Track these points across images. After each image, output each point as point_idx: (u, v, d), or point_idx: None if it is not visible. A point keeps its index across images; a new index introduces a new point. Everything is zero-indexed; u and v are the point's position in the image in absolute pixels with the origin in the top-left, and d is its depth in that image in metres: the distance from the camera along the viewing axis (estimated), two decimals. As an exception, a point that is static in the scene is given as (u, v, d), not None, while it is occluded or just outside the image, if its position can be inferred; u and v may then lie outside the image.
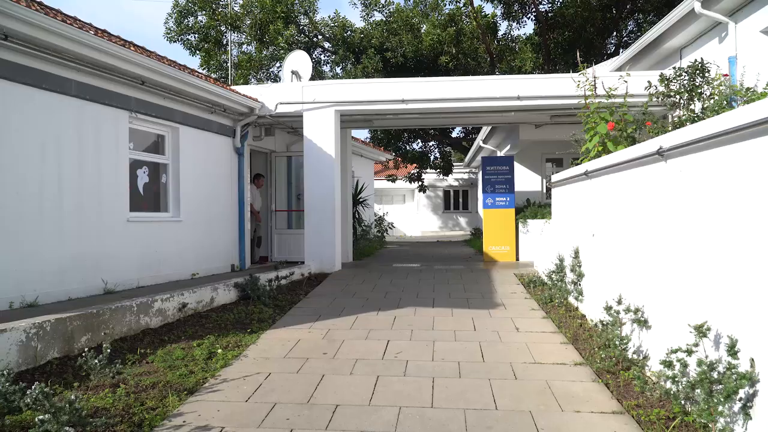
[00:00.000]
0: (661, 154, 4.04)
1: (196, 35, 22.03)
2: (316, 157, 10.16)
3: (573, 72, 9.16)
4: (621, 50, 17.51)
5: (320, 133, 10.14)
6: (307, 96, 10.14)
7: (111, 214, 7.39)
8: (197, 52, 22.22)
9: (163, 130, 8.64)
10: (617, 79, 6.85)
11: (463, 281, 8.93)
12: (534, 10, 19.19)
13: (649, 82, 6.07)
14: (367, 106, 10.19)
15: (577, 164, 7.10)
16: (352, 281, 9.08)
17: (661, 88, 5.77)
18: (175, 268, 8.58)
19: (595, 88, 6.51)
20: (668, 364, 3.51)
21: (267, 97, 10.26)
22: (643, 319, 4.48)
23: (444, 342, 5.42)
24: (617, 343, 4.48)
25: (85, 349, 4.32)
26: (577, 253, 6.65)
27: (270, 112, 10.23)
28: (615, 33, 20.33)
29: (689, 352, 3.35)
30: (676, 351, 3.40)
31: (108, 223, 7.33)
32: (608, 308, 4.86)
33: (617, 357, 4.47)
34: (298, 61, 11.04)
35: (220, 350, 5.08)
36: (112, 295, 7.03)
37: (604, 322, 4.97)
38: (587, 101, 6.65)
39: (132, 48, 7.22)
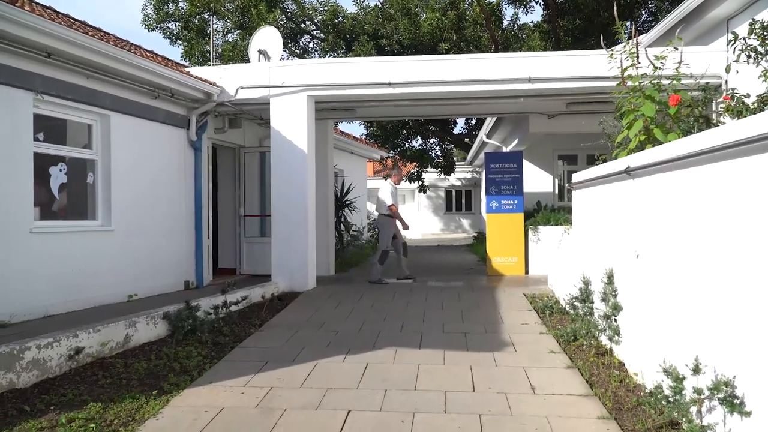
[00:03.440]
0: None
1: (177, 23, 20.44)
2: (286, 152, 8.43)
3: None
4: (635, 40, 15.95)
5: (290, 122, 8.43)
6: (274, 79, 8.43)
7: (7, 225, 5.74)
8: (178, 41, 20.63)
9: (89, 118, 6.97)
10: (665, 46, 5.16)
11: (462, 305, 7.25)
12: (543, -7, 17.52)
13: (734, 33, 4.36)
14: (347, 90, 8.47)
15: (603, 160, 5.48)
16: (325, 304, 7.40)
17: (753, 42, 4.07)
18: (106, 290, 6.94)
19: (637, 56, 4.81)
20: None
21: (228, 80, 8.57)
22: (737, 401, 2.83)
23: (429, 414, 3.74)
24: (701, 443, 2.81)
25: None
26: (611, 277, 4.96)
27: (230, 98, 8.53)
28: (630, 22, 18.69)
29: None
30: None
31: (2, 236, 5.69)
32: (678, 378, 3.19)
33: (699, 463, 2.81)
34: (268, 38, 9.34)
35: (93, 433, 3.43)
36: (3, 330, 5.43)
37: (670, 399, 3.28)
38: (624, 76, 4.97)
39: (26, 8, 5.54)
